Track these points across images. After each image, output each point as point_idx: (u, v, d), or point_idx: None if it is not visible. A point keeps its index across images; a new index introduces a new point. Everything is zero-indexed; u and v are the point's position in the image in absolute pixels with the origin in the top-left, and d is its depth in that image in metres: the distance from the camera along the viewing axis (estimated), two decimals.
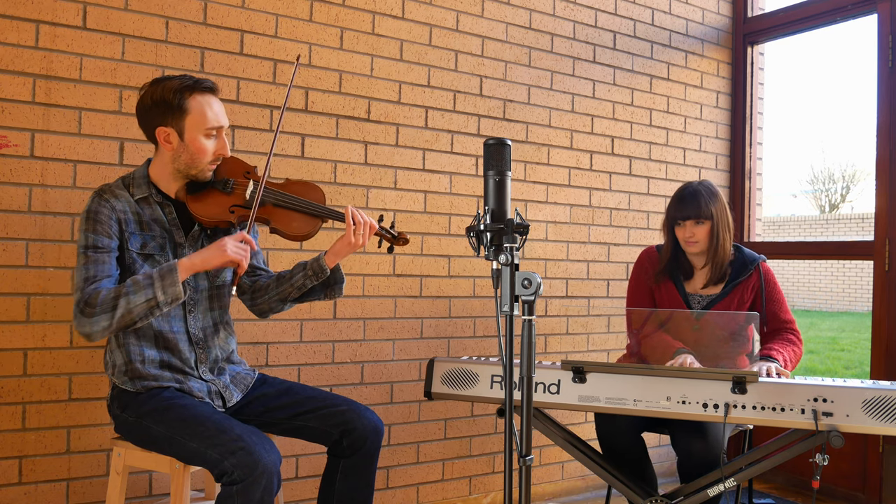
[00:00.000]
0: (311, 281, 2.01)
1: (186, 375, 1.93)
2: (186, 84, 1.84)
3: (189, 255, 1.82)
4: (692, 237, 2.47)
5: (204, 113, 1.85)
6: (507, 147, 1.58)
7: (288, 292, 2.02)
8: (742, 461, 2.21)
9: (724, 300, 2.49)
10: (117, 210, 1.85)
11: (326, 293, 2.07)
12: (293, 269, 2.03)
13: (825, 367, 8.26)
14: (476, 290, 3.02)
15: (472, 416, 3.02)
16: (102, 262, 1.80)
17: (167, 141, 1.86)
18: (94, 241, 1.81)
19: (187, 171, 1.90)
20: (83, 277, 1.78)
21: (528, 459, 1.51)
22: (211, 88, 1.88)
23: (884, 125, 3.09)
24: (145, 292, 1.75)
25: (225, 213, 1.92)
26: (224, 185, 1.95)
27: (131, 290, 1.75)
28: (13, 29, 2.16)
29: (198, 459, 1.73)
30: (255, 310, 2.11)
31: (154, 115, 1.85)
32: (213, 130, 1.88)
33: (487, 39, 3.01)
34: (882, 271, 3.06)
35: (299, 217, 1.97)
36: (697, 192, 2.48)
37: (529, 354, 1.51)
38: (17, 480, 2.18)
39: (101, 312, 1.73)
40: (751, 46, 3.69)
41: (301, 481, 2.63)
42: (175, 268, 1.78)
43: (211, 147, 1.89)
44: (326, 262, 2.00)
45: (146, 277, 1.77)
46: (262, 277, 2.10)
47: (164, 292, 1.75)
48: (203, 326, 1.97)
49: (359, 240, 1.97)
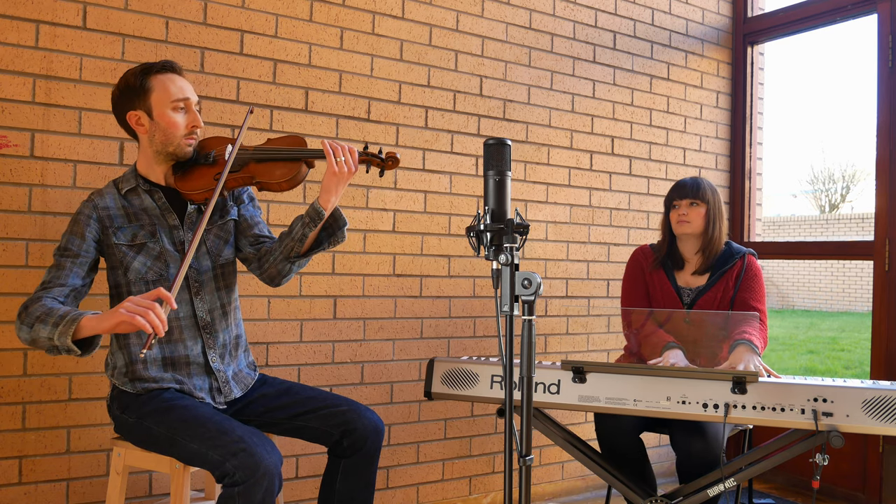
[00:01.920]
0: (309, 228, 1.92)
1: (189, 371, 1.92)
2: (146, 67, 1.89)
3: (95, 316, 1.69)
4: (685, 216, 2.51)
5: (167, 88, 1.88)
6: (507, 147, 1.58)
7: (290, 247, 1.95)
8: (742, 461, 2.21)
9: (711, 290, 2.52)
10: (99, 208, 1.87)
11: (330, 240, 2.00)
12: (292, 223, 1.97)
13: (825, 367, 8.26)
14: (476, 290, 3.02)
15: (472, 416, 3.02)
16: (62, 267, 1.83)
17: (139, 124, 1.89)
18: (66, 242, 1.85)
19: (165, 150, 1.90)
20: (42, 280, 1.83)
21: (528, 459, 1.51)
22: (170, 67, 1.91)
23: (884, 125, 3.09)
24: (49, 329, 1.69)
25: (210, 181, 1.92)
26: (206, 157, 1.96)
27: (46, 319, 1.70)
28: (13, 29, 2.16)
29: (199, 460, 1.73)
30: (265, 276, 2.04)
31: (123, 103, 1.89)
32: (180, 103, 1.89)
33: (487, 39, 3.01)
34: (882, 271, 3.07)
35: (280, 165, 1.95)
36: (697, 178, 2.58)
37: (529, 354, 1.51)
38: (17, 480, 2.18)
39: (26, 324, 1.73)
40: (751, 46, 3.69)
41: (301, 481, 2.63)
42: (77, 320, 1.67)
43: (181, 120, 1.90)
44: (320, 204, 1.92)
45: (59, 316, 1.69)
46: (267, 244, 2.05)
47: (58, 338, 1.68)
48: (210, 308, 1.97)
49: (342, 167, 1.90)
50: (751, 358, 2.27)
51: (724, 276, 2.52)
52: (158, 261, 1.90)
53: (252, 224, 2.07)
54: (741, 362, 2.26)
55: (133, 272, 1.88)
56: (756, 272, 2.53)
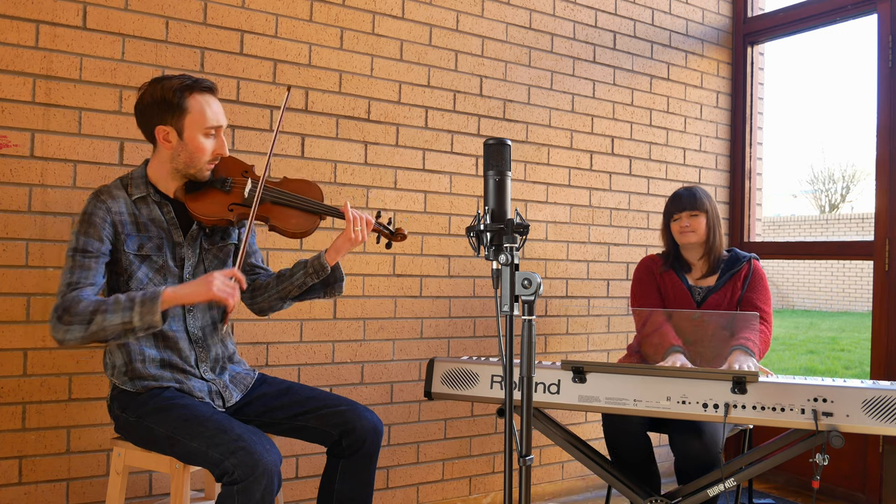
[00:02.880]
0: (311, 279, 2.01)
1: (187, 374, 1.92)
2: (186, 83, 1.85)
3: (175, 287, 1.79)
4: (688, 227, 2.60)
5: (203, 112, 1.86)
6: (507, 147, 1.58)
7: (288, 290, 2.03)
8: (742, 461, 2.21)
9: (720, 291, 2.60)
10: (113, 212, 1.85)
11: (327, 291, 2.08)
12: (294, 267, 2.04)
13: (825, 367, 8.26)
14: (476, 290, 3.02)
15: (472, 416, 3.02)
16: (88, 267, 1.80)
17: (166, 140, 1.86)
18: (83, 244, 1.81)
19: (186, 171, 1.90)
20: (66, 282, 1.79)
21: (528, 459, 1.51)
22: (210, 88, 1.89)
23: (884, 125, 3.09)
24: (123, 314, 1.73)
25: (224, 211, 1.92)
26: (222, 183, 1.95)
27: (110, 308, 1.73)
28: (13, 29, 2.16)
29: (199, 459, 1.73)
30: (255, 308, 2.11)
31: (153, 114, 1.86)
32: (212, 130, 1.88)
33: (487, 39, 3.01)
34: (882, 271, 3.06)
35: (297, 214, 1.98)
36: (692, 189, 2.66)
37: (529, 354, 1.51)
38: (17, 480, 2.18)
39: (77, 323, 1.72)
40: (751, 46, 3.69)
41: (301, 481, 2.63)
42: (158, 296, 1.74)
43: (209, 146, 1.89)
44: (327, 260, 2.00)
45: (128, 299, 1.74)
46: (262, 276, 2.10)
47: (140, 318, 1.73)
48: (202, 326, 1.97)
49: (357, 236, 1.97)
50: (745, 360, 2.29)
51: (732, 279, 2.61)
52: (159, 273, 1.90)
53: (250, 252, 2.10)
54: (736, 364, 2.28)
55: (136, 281, 1.87)
56: (762, 275, 2.64)
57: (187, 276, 1.94)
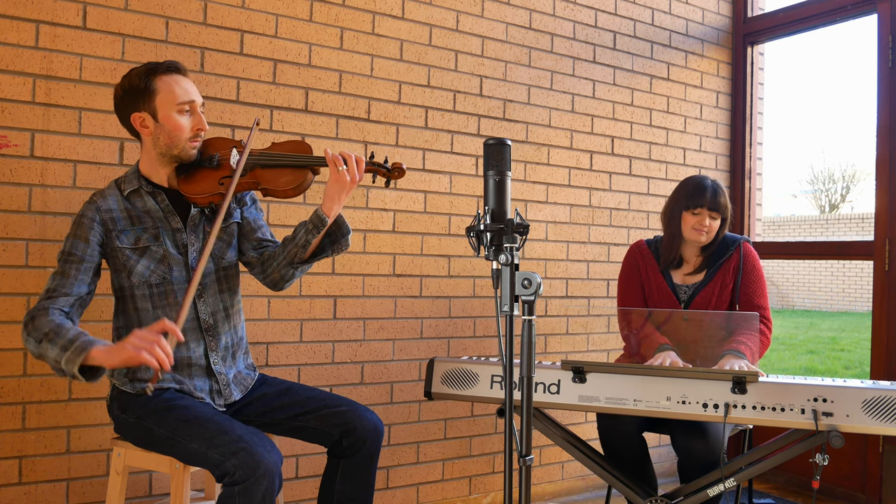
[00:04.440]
0: (312, 235, 1.92)
1: (189, 374, 1.92)
2: (150, 67, 1.87)
3: (108, 348, 1.69)
4: (706, 227, 2.47)
5: (172, 90, 1.86)
6: (507, 147, 1.58)
7: (294, 253, 1.94)
8: (742, 461, 2.21)
9: (708, 286, 2.51)
10: (102, 210, 1.86)
11: (334, 247, 2.00)
12: (295, 228, 1.97)
13: (825, 367, 8.26)
14: (476, 290, 3.02)
15: (472, 416, 3.02)
16: (67, 275, 1.81)
17: (143, 126, 1.87)
18: (70, 246, 1.83)
19: (170, 153, 1.90)
20: (46, 287, 1.81)
21: (528, 459, 1.51)
22: (175, 68, 1.89)
23: (884, 125, 3.09)
24: (58, 352, 1.69)
25: (214, 185, 1.91)
26: (210, 160, 1.95)
27: (55, 339, 1.70)
28: (13, 29, 2.16)
29: (199, 460, 1.73)
30: (268, 281, 2.04)
31: (127, 105, 1.87)
32: (185, 105, 1.88)
33: (487, 39, 3.01)
34: (882, 271, 3.06)
35: (286, 171, 1.95)
36: (717, 187, 2.50)
37: (529, 354, 1.51)
38: (17, 480, 2.18)
39: (33, 338, 1.73)
40: (751, 46, 3.69)
41: (301, 481, 2.63)
42: (86, 351, 1.67)
43: (187, 123, 1.89)
44: (324, 211, 1.92)
45: (69, 341, 1.68)
46: (270, 248, 2.05)
47: (65, 363, 1.68)
48: (213, 311, 1.96)
49: (344, 176, 1.88)
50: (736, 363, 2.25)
51: (720, 269, 2.51)
52: (162, 264, 1.90)
53: (255, 227, 2.07)
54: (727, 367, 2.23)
55: (136, 275, 1.87)
56: (754, 262, 2.53)
57: (192, 260, 1.92)
